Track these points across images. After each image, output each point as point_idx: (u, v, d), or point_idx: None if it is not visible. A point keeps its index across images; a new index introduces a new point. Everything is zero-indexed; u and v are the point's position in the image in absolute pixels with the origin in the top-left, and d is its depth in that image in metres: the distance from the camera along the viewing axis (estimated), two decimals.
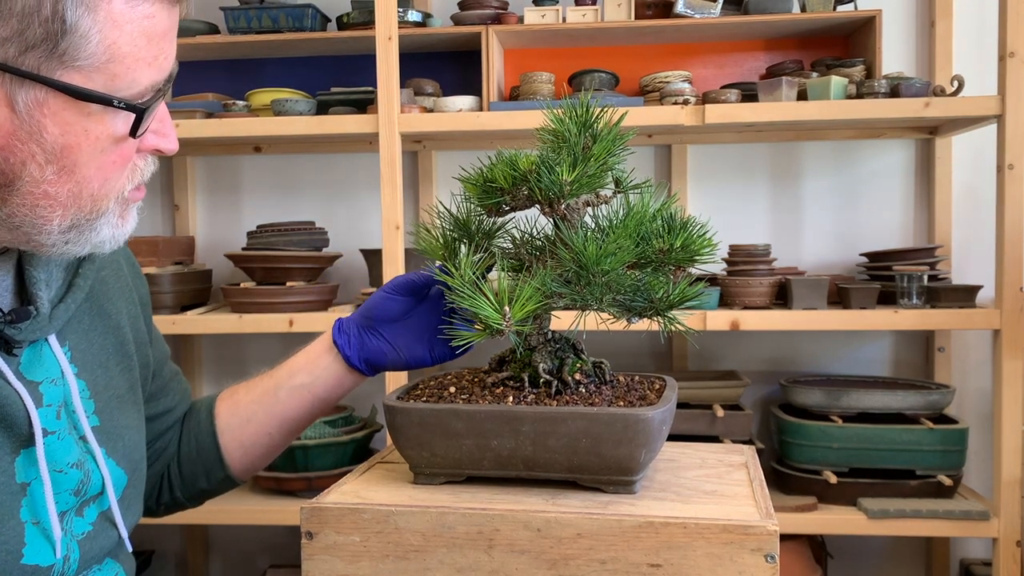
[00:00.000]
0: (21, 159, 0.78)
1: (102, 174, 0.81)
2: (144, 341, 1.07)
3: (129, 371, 1.02)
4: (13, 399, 0.83)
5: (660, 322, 0.87)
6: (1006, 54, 1.85)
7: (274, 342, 2.46)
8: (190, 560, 2.47)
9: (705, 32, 2.18)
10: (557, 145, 0.88)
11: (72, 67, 0.76)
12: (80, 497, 0.91)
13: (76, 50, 0.76)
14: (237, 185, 2.46)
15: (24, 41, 0.75)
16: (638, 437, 0.80)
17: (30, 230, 0.81)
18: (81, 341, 0.95)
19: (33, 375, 0.88)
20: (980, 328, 1.96)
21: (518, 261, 0.91)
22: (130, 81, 0.79)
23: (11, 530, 0.83)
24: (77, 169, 0.80)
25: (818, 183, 2.32)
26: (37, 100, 0.77)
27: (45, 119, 0.77)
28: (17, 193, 0.79)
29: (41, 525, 0.85)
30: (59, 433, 0.90)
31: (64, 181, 0.80)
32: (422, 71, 2.28)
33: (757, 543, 0.74)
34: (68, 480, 0.89)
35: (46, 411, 0.88)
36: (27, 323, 0.87)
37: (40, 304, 0.89)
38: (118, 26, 0.77)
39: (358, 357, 1.08)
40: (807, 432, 2.03)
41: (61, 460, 0.89)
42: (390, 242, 1.97)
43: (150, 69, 0.80)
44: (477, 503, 0.81)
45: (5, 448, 0.84)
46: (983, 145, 2.19)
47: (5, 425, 0.83)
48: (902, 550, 2.35)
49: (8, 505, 0.83)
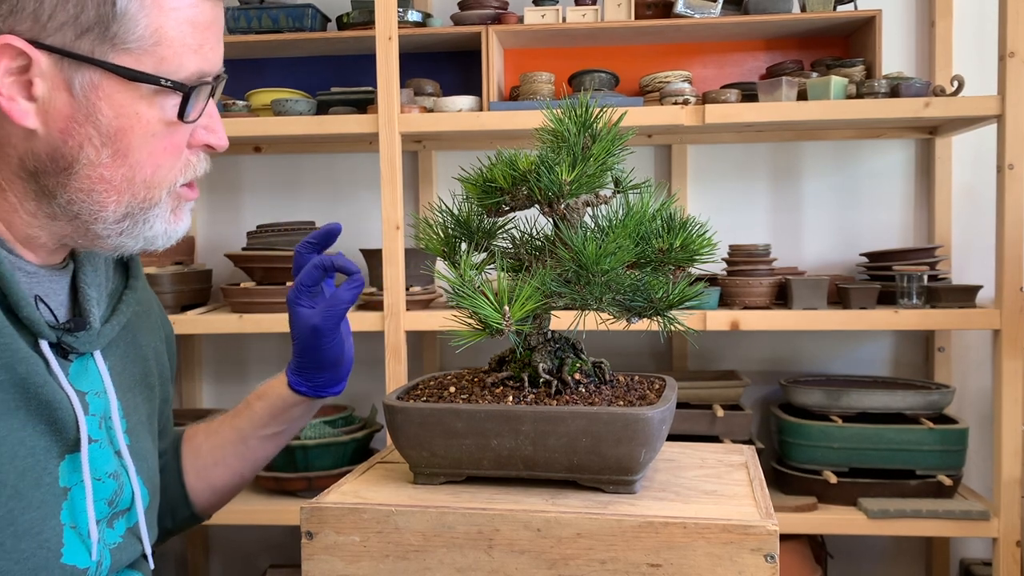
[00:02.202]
0: (79, 142, 0.82)
1: (154, 160, 0.85)
2: (166, 377, 1.11)
3: (149, 401, 1.05)
4: (64, 404, 0.86)
5: (660, 322, 0.87)
6: (1006, 54, 1.85)
7: (274, 342, 2.46)
8: (190, 560, 2.47)
9: (705, 32, 2.18)
10: (557, 145, 0.88)
11: (123, 50, 0.81)
12: (112, 508, 0.93)
13: (126, 33, 0.80)
14: (237, 185, 2.46)
15: (79, 25, 0.79)
16: (638, 437, 0.80)
17: (88, 219, 0.85)
18: (117, 363, 0.98)
19: (80, 385, 0.91)
20: (980, 328, 1.96)
21: (518, 261, 0.91)
22: (177, 65, 0.83)
23: (51, 530, 0.85)
24: (131, 153, 0.84)
25: (818, 183, 2.32)
26: (92, 83, 0.81)
27: (100, 101, 0.81)
28: (75, 177, 0.83)
29: (78, 530, 0.88)
30: (100, 443, 0.93)
31: (118, 165, 0.84)
32: (422, 71, 2.28)
33: (757, 543, 0.74)
34: (104, 489, 0.92)
35: (91, 419, 0.91)
36: (82, 333, 0.91)
37: (92, 319, 0.93)
38: (164, 11, 0.82)
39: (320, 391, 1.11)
40: (807, 432, 2.03)
41: (100, 469, 0.92)
42: (390, 242, 1.96)
43: (196, 56, 0.85)
44: (477, 503, 0.81)
45: (52, 451, 0.86)
46: (983, 145, 2.19)
47: (54, 429, 0.86)
48: (902, 550, 2.35)
49: (51, 506, 0.85)
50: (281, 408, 1.11)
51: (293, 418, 1.13)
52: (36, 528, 0.83)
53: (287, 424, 1.13)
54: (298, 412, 1.12)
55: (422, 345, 2.40)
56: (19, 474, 0.82)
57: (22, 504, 0.82)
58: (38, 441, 0.85)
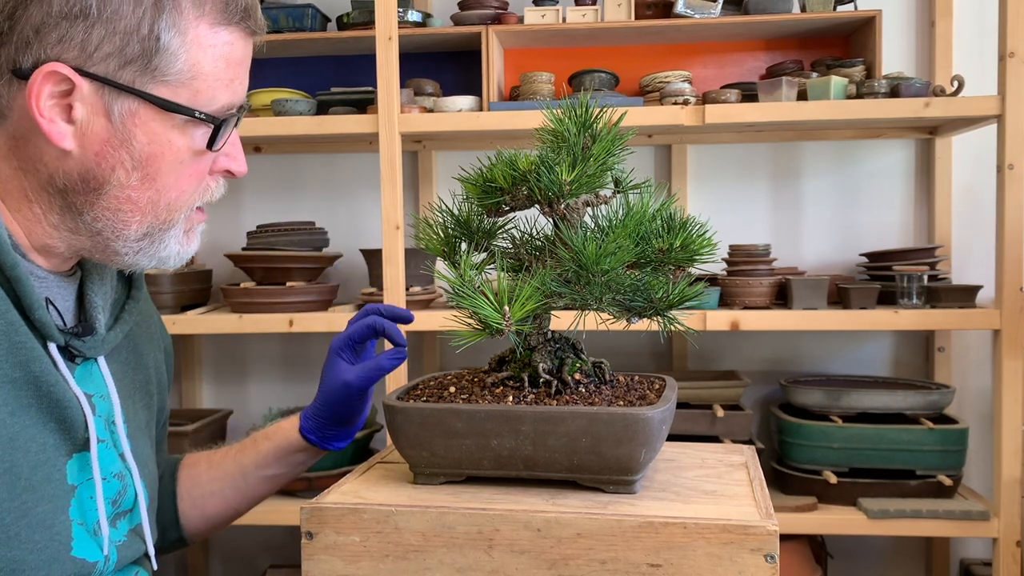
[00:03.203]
0: (111, 165, 0.86)
1: (179, 185, 0.90)
2: (164, 387, 1.14)
3: (147, 409, 1.07)
4: (74, 404, 0.89)
5: (660, 322, 0.87)
6: (1006, 54, 1.85)
7: (274, 342, 2.46)
8: (190, 560, 2.47)
9: (705, 32, 2.18)
10: (557, 145, 0.88)
11: (161, 82, 0.85)
12: (116, 508, 0.96)
13: (167, 67, 0.85)
14: (237, 185, 2.46)
15: (123, 56, 0.84)
16: (638, 437, 0.80)
17: (109, 235, 0.89)
18: (119, 370, 1.01)
19: (86, 388, 0.94)
20: (980, 328, 1.96)
21: (518, 261, 0.91)
22: (210, 98, 0.88)
23: (61, 524, 0.87)
24: (159, 177, 0.88)
25: (818, 183, 2.32)
26: (130, 111, 0.85)
27: (136, 128, 0.86)
28: (104, 197, 0.87)
29: (86, 526, 0.90)
30: (107, 443, 0.95)
31: (146, 188, 0.88)
32: (422, 71, 2.28)
33: (757, 543, 0.74)
34: (109, 488, 0.94)
35: (97, 420, 0.93)
36: (89, 338, 0.94)
37: (98, 325, 0.96)
38: (203, 48, 0.87)
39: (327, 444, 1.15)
40: (807, 432, 2.03)
41: (106, 469, 0.94)
42: (390, 242, 1.96)
43: (227, 90, 0.90)
44: (477, 503, 0.81)
45: (61, 450, 0.89)
46: (983, 145, 2.19)
47: (64, 428, 0.89)
48: (902, 550, 2.35)
49: (60, 501, 0.88)
50: (286, 451, 1.14)
51: (296, 463, 1.16)
52: (48, 521, 0.85)
53: (289, 468, 1.16)
54: (301, 458, 1.16)
55: (422, 345, 2.40)
56: (32, 468, 0.85)
57: (35, 497, 0.84)
58: (48, 439, 0.87)
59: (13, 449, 0.83)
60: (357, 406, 1.10)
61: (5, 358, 0.83)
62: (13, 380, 0.84)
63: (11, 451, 0.82)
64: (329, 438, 1.13)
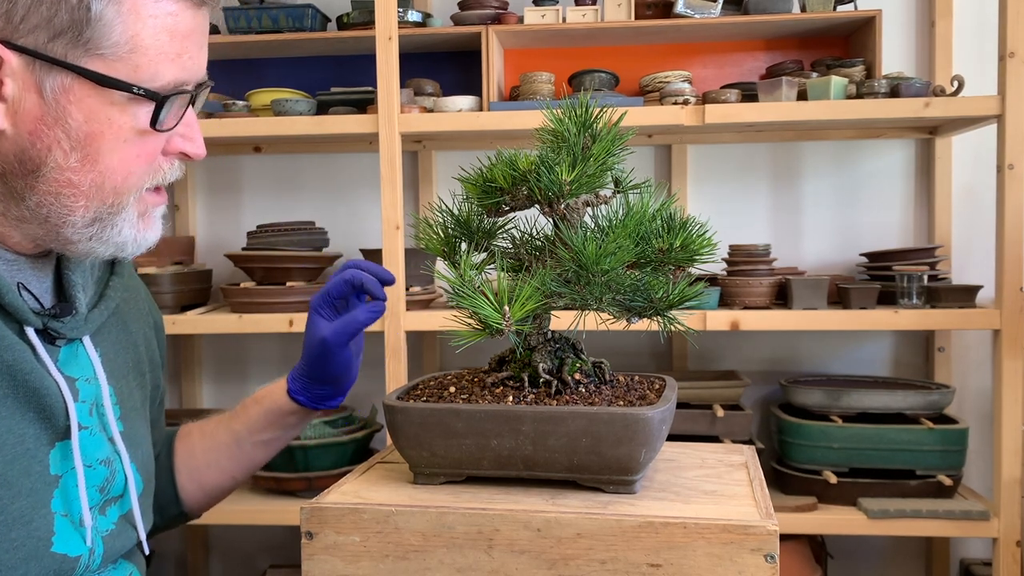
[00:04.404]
0: (47, 144, 0.81)
1: (125, 167, 0.84)
2: (157, 364, 1.11)
3: (142, 388, 1.05)
4: (53, 390, 0.86)
5: (660, 322, 0.87)
6: (1006, 54, 1.85)
7: (274, 342, 2.46)
8: (190, 560, 2.47)
9: (705, 32, 2.18)
10: (557, 145, 0.88)
11: (96, 55, 0.80)
12: (104, 495, 0.93)
13: (100, 39, 0.79)
14: (237, 185, 2.46)
15: (52, 28, 0.78)
16: (638, 437, 0.80)
17: (56, 222, 0.84)
18: (109, 350, 0.98)
19: (70, 371, 0.91)
20: (980, 328, 1.96)
21: (518, 261, 0.91)
22: (152, 73, 0.82)
23: (42, 519, 0.85)
24: (100, 158, 0.82)
25: (818, 183, 2.32)
26: (63, 86, 0.80)
27: (71, 105, 0.80)
28: (43, 180, 0.82)
29: (70, 517, 0.88)
30: (91, 429, 0.92)
31: (87, 170, 0.82)
32: (422, 71, 2.28)
33: (757, 543, 0.74)
34: (96, 476, 0.92)
35: (80, 406, 0.91)
36: (69, 319, 0.90)
37: (78, 304, 0.92)
38: (141, 19, 0.81)
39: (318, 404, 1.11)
40: (807, 432, 2.03)
41: (91, 456, 0.91)
42: (390, 242, 1.96)
43: (173, 65, 0.83)
44: (477, 503, 0.81)
45: (42, 439, 0.86)
46: (983, 145, 2.19)
47: (44, 416, 0.86)
48: (902, 550, 2.35)
49: (41, 495, 0.85)
50: (277, 415, 1.12)
51: (288, 426, 1.13)
52: (27, 517, 0.83)
53: (282, 431, 1.14)
54: (293, 420, 1.13)
55: (422, 345, 2.40)
56: (8, 463, 0.82)
57: (11, 493, 0.82)
58: (27, 429, 0.85)
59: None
60: (339, 364, 1.06)
61: None
62: None
63: None
64: (319, 397, 1.10)
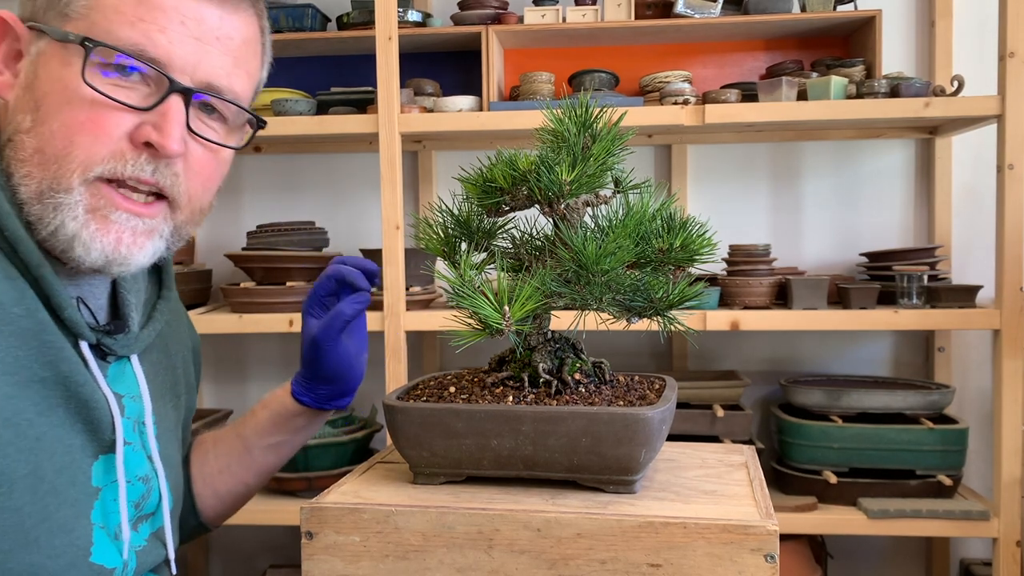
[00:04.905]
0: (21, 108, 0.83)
1: (66, 133, 0.81)
2: (192, 387, 1.12)
3: (176, 409, 1.05)
4: (102, 404, 0.87)
5: (660, 322, 0.87)
6: (1006, 54, 1.85)
7: (274, 342, 2.46)
8: (190, 560, 2.47)
9: (705, 32, 2.18)
10: (557, 145, 0.88)
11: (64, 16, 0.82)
12: (138, 511, 0.94)
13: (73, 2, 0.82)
14: (237, 185, 2.46)
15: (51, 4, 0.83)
16: (638, 437, 0.80)
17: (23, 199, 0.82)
18: (151, 370, 0.99)
19: (117, 388, 0.92)
20: (980, 328, 1.96)
21: (518, 261, 0.91)
22: (104, 31, 0.81)
23: (83, 528, 0.85)
24: (47, 121, 0.81)
25: (818, 183, 2.32)
26: (40, 50, 0.83)
27: (40, 68, 0.83)
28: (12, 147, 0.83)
29: (108, 530, 0.88)
30: (134, 446, 0.93)
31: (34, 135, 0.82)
32: (422, 71, 2.28)
33: (757, 543, 0.74)
34: (133, 491, 0.92)
35: (126, 422, 0.91)
36: (121, 336, 0.91)
37: (132, 323, 0.93)
38: None
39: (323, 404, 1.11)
40: (807, 432, 2.03)
41: (132, 472, 0.92)
42: (390, 242, 1.96)
43: (132, 30, 0.81)
44: (477, 503, 0.81)
45: (87, 451, 0.87)
46: (983, 145, 2.19)
47: (91, 428, 0.87)
48: (902, 550, 2.35)
49: (83, 505, 0.86)
50: (284, 418, 1.11)
51: (296, 428, 1.12)
52: (69, 525, 0.84)
53: (290, 434, 1.13)
54: (301, 423, 1.12)
55: (422, 345, 2.40)
56: (57, 471, 0.83)
57: (57, 501, 0.83)
58: (75, 440, 0.85)
59: (39, 451, 0.81)
60: (334, 361, 1.05)
61: (34, 357, 0.81)
62: (42, 380, 0.82)
63: (37, 453, 0.81)
64: (323, 397, 1.09)
